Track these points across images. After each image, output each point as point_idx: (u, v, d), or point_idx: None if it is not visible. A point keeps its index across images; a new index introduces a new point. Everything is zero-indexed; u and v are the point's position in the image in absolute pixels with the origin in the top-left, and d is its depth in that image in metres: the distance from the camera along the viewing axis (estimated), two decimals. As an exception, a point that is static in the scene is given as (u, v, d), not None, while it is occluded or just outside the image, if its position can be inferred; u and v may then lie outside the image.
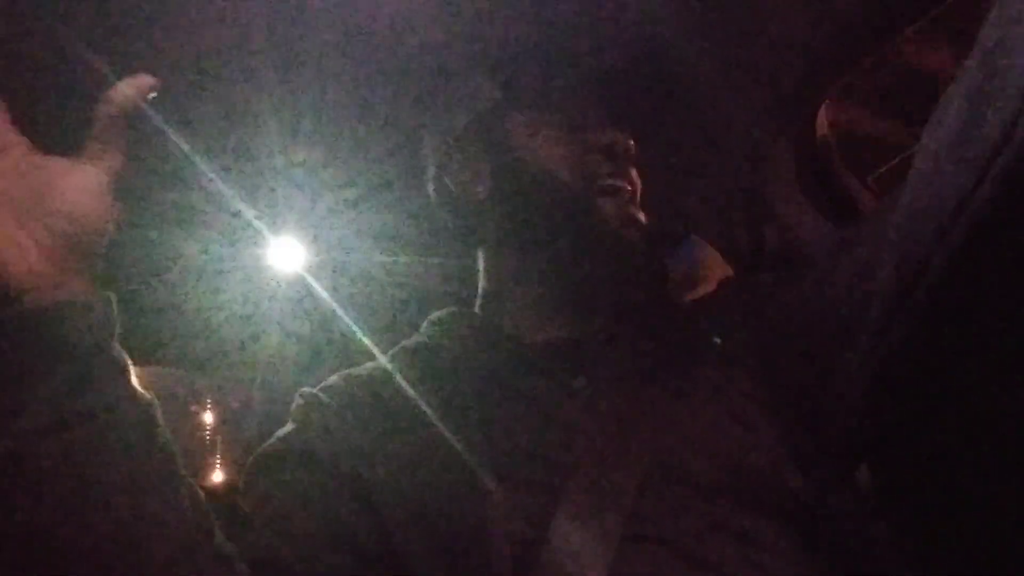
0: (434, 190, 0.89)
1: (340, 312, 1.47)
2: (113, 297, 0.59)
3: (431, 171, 0.90)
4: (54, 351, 0.54)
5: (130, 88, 0.60)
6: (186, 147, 1.03)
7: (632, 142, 0.79)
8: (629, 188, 0.78)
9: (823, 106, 1.02)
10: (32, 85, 0.92)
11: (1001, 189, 0.46)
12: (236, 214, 1.21)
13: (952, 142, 0.50)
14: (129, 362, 0.59)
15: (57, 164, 0.60)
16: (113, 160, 0.61)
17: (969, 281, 0.53)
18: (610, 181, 0.77)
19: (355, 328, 1.11)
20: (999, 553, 0.70)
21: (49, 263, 0.56)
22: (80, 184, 0.59)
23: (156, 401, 0.59)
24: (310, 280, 1.44)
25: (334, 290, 1.46)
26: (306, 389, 0.79)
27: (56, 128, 1.02)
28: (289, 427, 0.76)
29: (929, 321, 0.56)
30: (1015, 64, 0.44)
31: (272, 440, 0.76)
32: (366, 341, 0.85)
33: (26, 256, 0.55)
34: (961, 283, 0.53)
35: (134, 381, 0.58)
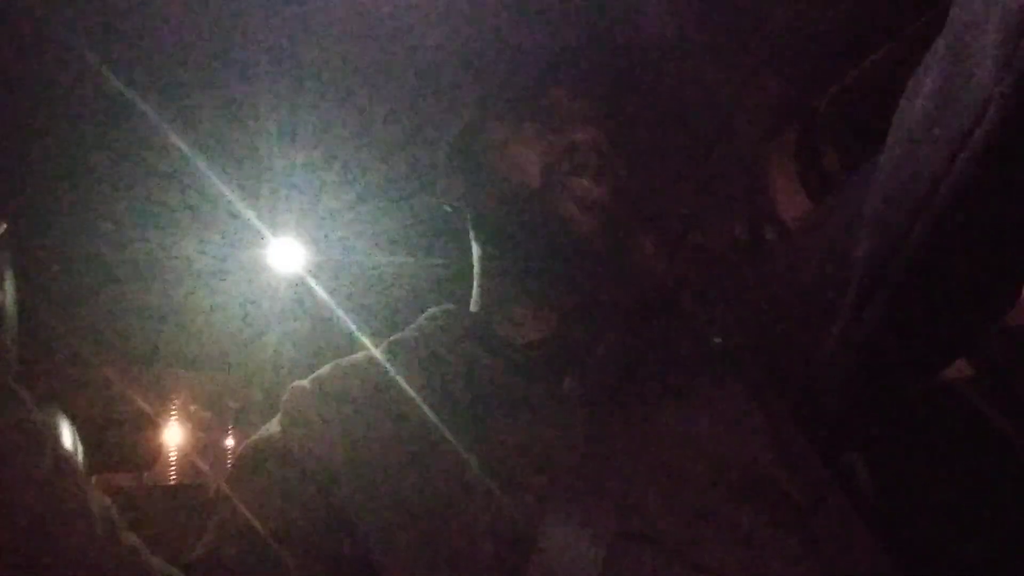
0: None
1: (340, 312, 1.47)
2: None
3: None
4: None
5: None
6: (187, 147, 1.03)
7: (602, 137, 0.78)
8: (592, 183, 0.76)
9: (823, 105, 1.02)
10: (32, 85, 0.92)
11: (975, 166, 0.47)
12: (236, 215, 1.21)
13: (926, 121, 0.51)
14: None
15: None
16: None
17: (946, 259, 0.54)
18: (575, 183, 0.76)
19: (355, 328, 1.11)
20: (996, 552, 0.70)
21: None
22: None
23: (51, 420, 0.59)
24: (310, 280, 1.44)
25: (334, 290, 1.46)
26: (296, 382, 0.79)
27: (57, 128, 1.02)
28: (276, 423, 0.76)
29: (907, 298, 0.57)
30: (987, 43, 0.44)
31: (259, 435, 0.76)
32: (366, 341, 0.85)
33: None
34: (938, 261, 0.54)
35: (27, 402, 0.58)
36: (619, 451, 0.66)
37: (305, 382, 0.78)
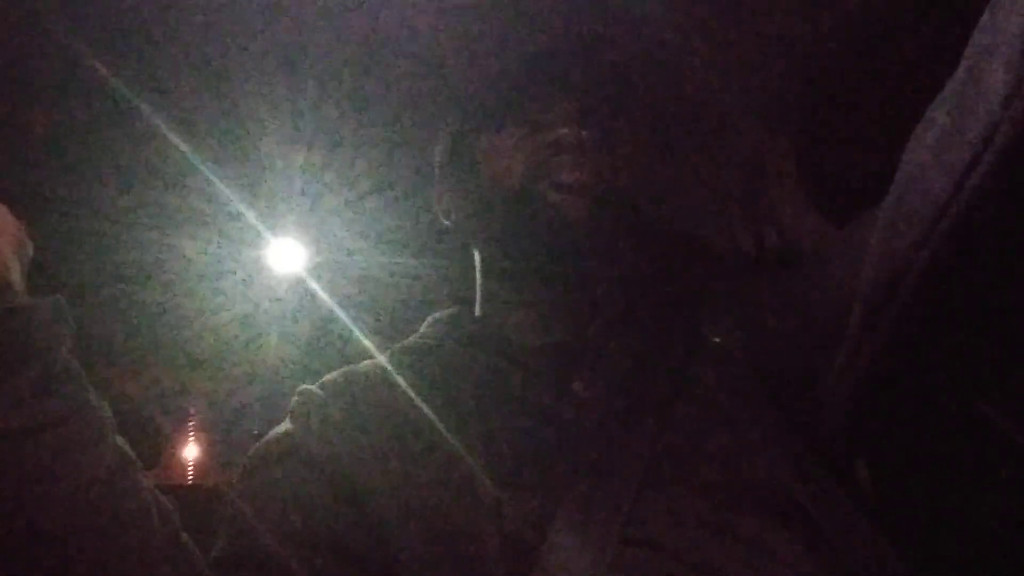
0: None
1: (340, 312, 1.47)
2: (65, 302, 0.59)
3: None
4: (20, 353, 0.54)
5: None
6: (187, 147, 1.03)
7: (584, 132, 0.78)
8: (573, 167, 0.76)
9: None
10: (32, 85, 0.92)
11: (979, 197, 0.46)
12: (236, 214, 1.21)
13: (936, 149, 0.50)
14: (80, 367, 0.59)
15: None
16: None
17: (949, 287, 0.53)
18: (557, 173, 0.76)
19: (355, 328, 1.11)
20: (998, 553, 0.70)
21: (6, 268, 0.56)
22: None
23: (107, 406, 0.60)
24: (310, 281, 1.44)
25: (334, 291, 1.46)
26: (305, 386, 0.79)
27: (56, 127, 1.02)
28: (286, 424, 0.76)
29: (910, 326, 0.56)
30: (998, 70, 0.44)
31: (268, 437, 0.76)
32: (366, 341, 0.85)
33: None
34: (941, 290, 0.53)
35: (88, 386, 0.58)
36: (626, 456, 0.66)
37: (314, 387, 0.78)
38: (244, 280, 1.45)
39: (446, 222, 0.90)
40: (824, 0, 0.82)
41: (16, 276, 0.56)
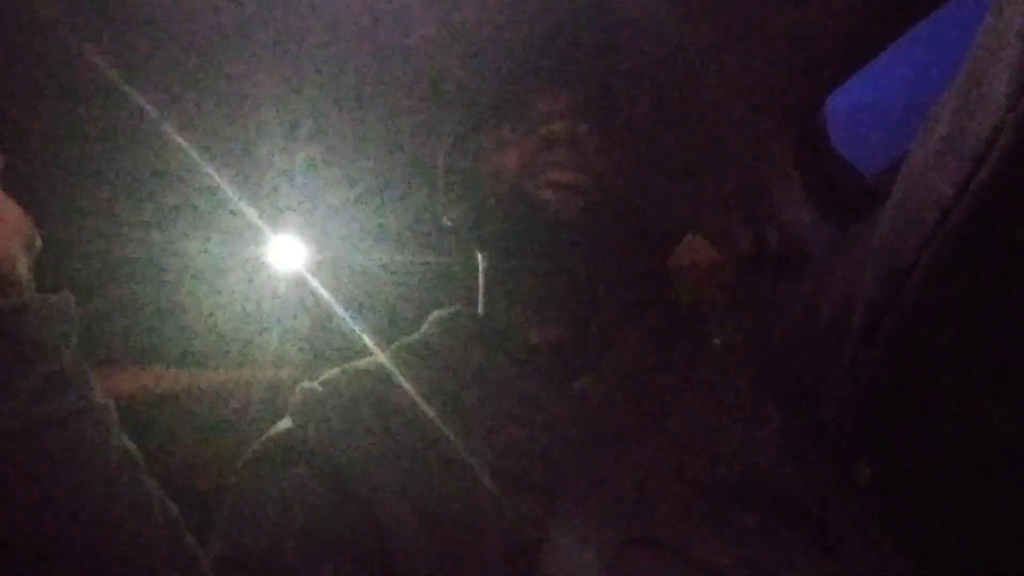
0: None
1: (340, 311, 1.47)
2: (73, 299, 0.59)
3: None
4: (28, 350, 0.54)
5: None
6: (187, 146, 1.03)
7: (580, 127, 0.78)
8: (565, 167, 0.76)
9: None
10: (32, 84, 0.92)
11: (982, 199, 0.46)
12: (236, 213, 1.21)
13: (938, 151, 0.50)
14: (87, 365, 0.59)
15: None
16: None
17: (951, 289, 0.53)
18: (550, 171, 0.76)
19: (355, 327, 1.11)
20: (998, 553, 0.71)
21: (15, 263, 0.56)
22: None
23: (113, 405, 0.60)
24: (310, 279, 1.44)
25: (334, 289, 1.46)
26: (305, 384, 0.79)
27: (57, 127, 1.02)
28: (287, 423, 0.76)
29: (913, 328, 0.56)
30: (1001, 72, 0.44)
31: (269, 435, 0.76)
32: (366, 340, 0.85)
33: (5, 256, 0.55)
34: (943, 291, 0.53)
35: (94, 384, 0.58)
36: (628, 454, 0.66)
37: (315, 384, 0.78)
38: (244, 278, 1.45)
39: (447, 222, 0.90)
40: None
41: (24, 272, 0.56)
